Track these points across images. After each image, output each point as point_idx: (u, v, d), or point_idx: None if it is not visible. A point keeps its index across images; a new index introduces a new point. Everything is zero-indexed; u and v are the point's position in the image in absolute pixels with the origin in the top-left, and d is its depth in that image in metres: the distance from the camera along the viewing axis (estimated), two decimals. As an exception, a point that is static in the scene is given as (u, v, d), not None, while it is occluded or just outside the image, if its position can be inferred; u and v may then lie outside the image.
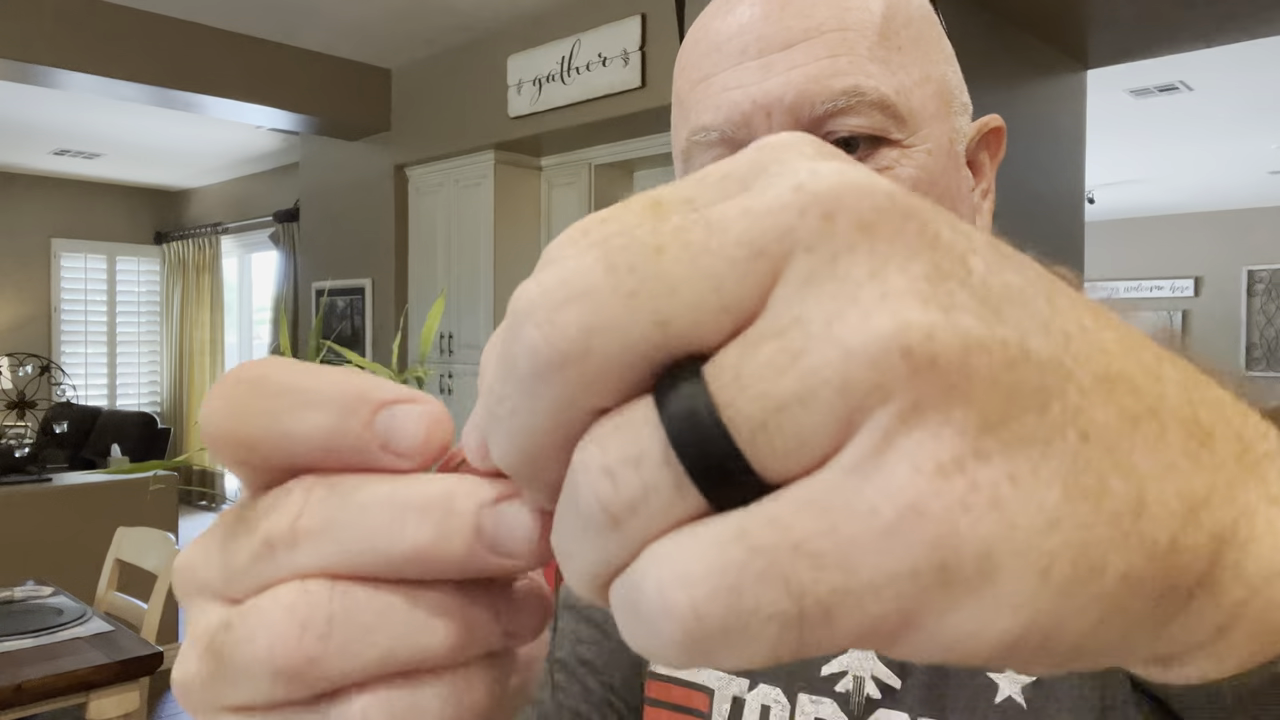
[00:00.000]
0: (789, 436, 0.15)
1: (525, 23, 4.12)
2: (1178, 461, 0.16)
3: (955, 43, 0.61)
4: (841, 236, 0.15)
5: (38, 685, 2.12)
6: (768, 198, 0.16)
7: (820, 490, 0.15)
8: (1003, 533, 0.15)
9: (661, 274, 0.16)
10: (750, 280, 0.16)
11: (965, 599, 0.15)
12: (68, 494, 3.97)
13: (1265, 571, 0.17)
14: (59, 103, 5.43)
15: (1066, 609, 0.15)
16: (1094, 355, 0.16)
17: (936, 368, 0.15)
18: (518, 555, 0.20)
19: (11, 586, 2.80)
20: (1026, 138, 3.76)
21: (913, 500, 0.14)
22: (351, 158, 5.23)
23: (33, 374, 7.44)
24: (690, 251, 0.16)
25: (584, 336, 0.16)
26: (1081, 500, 0.15)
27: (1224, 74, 4.73)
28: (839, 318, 0.15)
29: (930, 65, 0.55)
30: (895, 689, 0.53)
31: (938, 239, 0.16)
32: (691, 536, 0.16)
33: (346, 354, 2.97)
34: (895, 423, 0.15)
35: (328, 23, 4.25)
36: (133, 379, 8.32)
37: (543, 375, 0.16)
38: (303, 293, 5.72)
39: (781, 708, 0.56)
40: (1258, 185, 7.69)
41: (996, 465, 0.15)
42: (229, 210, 7.82)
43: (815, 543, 0.15)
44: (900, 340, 0.15)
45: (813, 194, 0.16)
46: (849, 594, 0.15)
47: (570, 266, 0.16)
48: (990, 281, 0.16)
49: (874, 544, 0.15)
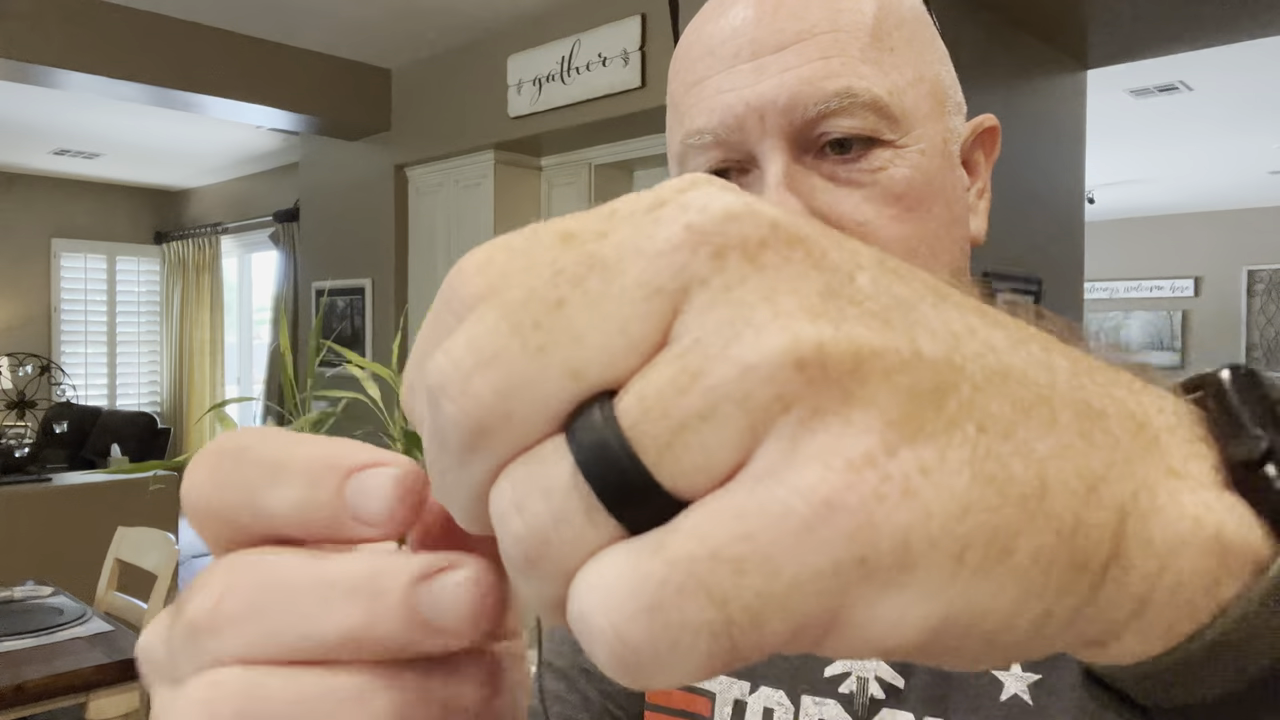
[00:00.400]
0: (695, 453, 0.16)
1: (525, 23, 4.12)
2: (1073, 443, 0.17)
3: (955, 42, 0.61)
4: (733, 269, 0.16)
5: (38, 685, 2.12)
6: (660, 239, 0.17)
7: (733, 499, 0.15)
8: (918, 521, 0.15)
9: (566, 325, 0.16)
10: (652, 318, 0.16)
11: (887, 590, 0.15)
12: (68, 494, 3.97)
13: (1172, 541, 0.17)
14: (59, 103, 5.43)
15: (984, 591, 0.16)
16: (983, 353, 0.17)
17: (829, 375, 0.15)
18: (456, 632, 0.20)
19: (11, 586, 2.79)
20: (1026, 138, 3.76)
21: (827, 496, 0.15)
22: (351, 158, 5.23)
23: (33, 374, 7.44)
24: (590, 298, 0.16)
25: (501, 401, 0.16)
26: (988, 485, 0.16)
27: (1224, 74, 4.73)
28: (735, 339, 0.16)
29: (923, 65, 0.55)
30: (899, 689, 0.53)
31: (824, 259, 0.17)
32: (608, 559, 0.16)
33: (346, 354, 2.97)
34: (798, 429, 0.15)
35: (328, 23, 4.25)
36: (133, 379, 8.32)
37: (469, 445, 0.17)
38: (303, 293, 5.72)
39: (785, 710, 0.56)
40: (1258, 185, 7.69)
41: (905, 458, 0.15)
42: (229, 210, 7.82)
43: (733, 549, 0.15)
44: (794, 353, 0.15)
45: (701, 232, 0.16)
46: (773, 597, 0.15)
47: (475, 331, 0.17)
48: (878, 294, 0.17)
49: (793, 543, 0.15)
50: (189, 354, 8.03)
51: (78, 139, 6.54)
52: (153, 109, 4.90)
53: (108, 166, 7.52)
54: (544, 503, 0.16)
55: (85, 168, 7.54)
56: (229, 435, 0.22)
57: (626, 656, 0.15)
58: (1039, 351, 0.18)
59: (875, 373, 0.16)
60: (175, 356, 8.16)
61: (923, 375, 0.16)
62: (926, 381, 0.16)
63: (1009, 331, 0.18)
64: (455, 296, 0.18)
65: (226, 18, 4.22)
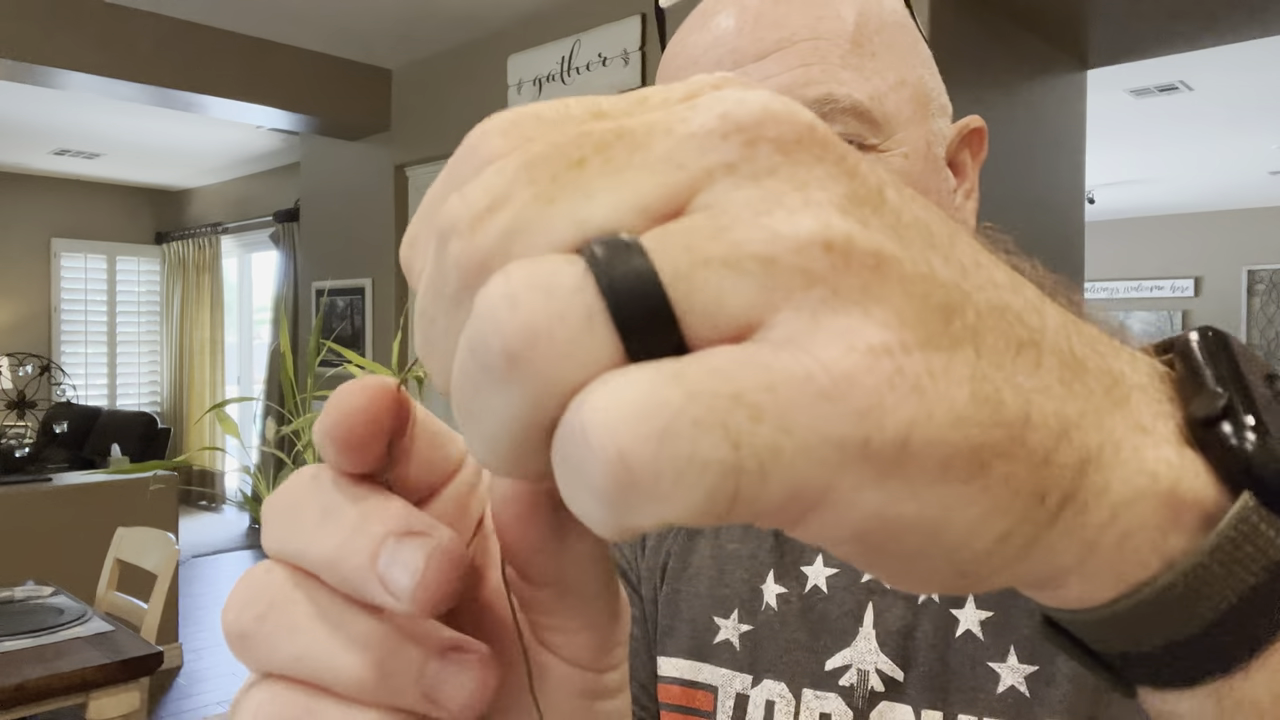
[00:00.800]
0: (711, 294, 0.16)
1: (525, 23, 4.12)
2: (1053, 387, 0.17)
3: (955, 43, 0.61)
4: (764, 159, 0.17)
5: (38, 685, 2.12)
6: (694, 123, 0.17)
7: (758, 352, 0.15)
8: (921, 418, 0.16)
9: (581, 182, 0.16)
10: (668, 189, 0.16)
11: (877, 478, 0.16)
12: (68, 494, 3.97)
13: (1129, 493, 0.18)
14: (59, 103, 5.43)
15: (957, 500, 0.16)
16: (986, 287, 0.18)
17: (852, 265, 0.16)
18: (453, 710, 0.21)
19: (11, 586, 2.80)
20: (1026, 138, 3.76)
21: (848, 371, 0.15)
22: (351, 158, 5.23)
23: (33, 374, 7.44)
24: (611, 163, 0.17)
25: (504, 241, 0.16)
26: (984, 404, 0.16)
27: (1224, 74, 4.73)
28: (766, 213, 0.16)
29: (905, 69, 0.56)
30: (899, 681, 0.54)
31: (855, 171, 0.17)
32: (623, 376, 0.15)
33: (346, 354, 2.97)
34: (820, 306, 0.16)
35: (328, 23, 4.25)
36: (133, 379, 8.32)
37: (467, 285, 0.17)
38: (303, 293, 5.72)
39: (786, 703, 0.56)
40: (1258, 185, 7.69)
41: (917, 359, 0.16)
42: (229, 210, 7.82)
43: (755, 396, 0.15)
44: (824, 235, 0.16)
45: (736, 122, 0.17)
46: (782, 452, 0.15)
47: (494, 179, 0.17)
48: (901, 213, 0.17)
49: (810, 406, 0.15)
50: (189, 354, 8.03)
51: (78, 139, 6.53)
52: (153, 109, 4.90)
53: (108, 166, 7.52)
54: (544, 299, 0.15)
55: (85, 168, 7.54)
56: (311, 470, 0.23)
57: (624, 481, 0.15)
58: (1034, 298, 0.19)
59: (893, 275, 0.16)
60: (175, 356, 8.16)
61: (935, 290, 0.16)
62: (938, 297, 0.16)
63: (1010, 275, 0.19)
64: (475, 155, 0.18)
65: (226, 18, 4.22)
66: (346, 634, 0.21)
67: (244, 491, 6.56)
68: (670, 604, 0.64)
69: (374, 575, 0.20)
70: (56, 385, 7.63)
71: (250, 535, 6.97)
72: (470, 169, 0.18)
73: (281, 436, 3.33)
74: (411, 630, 0.21)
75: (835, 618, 0.57)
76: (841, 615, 0.57)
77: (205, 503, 7.95)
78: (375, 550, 0.20)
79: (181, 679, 4.22)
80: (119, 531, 2.93)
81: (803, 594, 0.59)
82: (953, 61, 0.54)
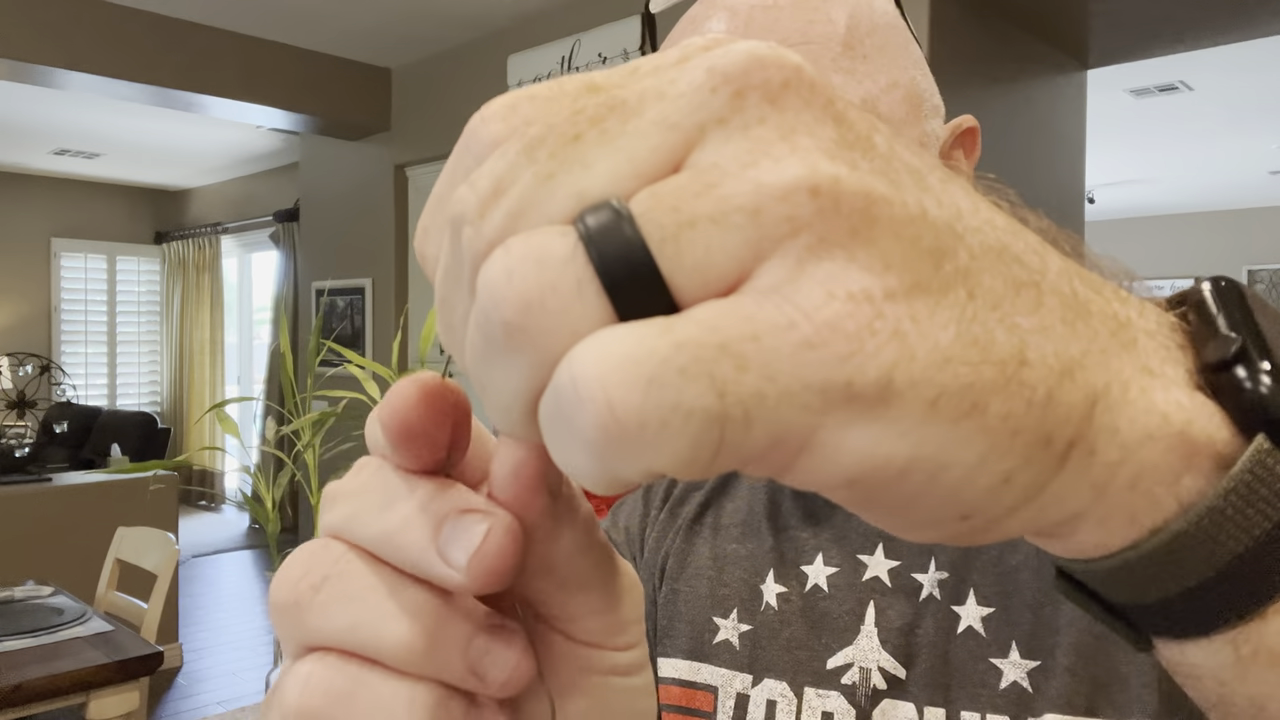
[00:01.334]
0: (698, 251, 0.16)
1: (525, 23, 4.12)
2: (1054, 326, 0.17)
3: (956, 43, 0.61)
4: (753, 109, 0.17)
5: (38, 685, 2.12)
6: (682, 82, 0.17)
7: (741, 302, 0.16)
8: (903, 361, 0.16)
9: (578, 156, 0.17)
10: (663, 150, 0.17)
11: (864, 419, 0.16)
12: (68, 494, 3.97)
13: (1139, 434, 0.17)
14: (59, 103, 5.43)
15: (951, 440, 0.16)
16: (983, 229, 0.17)
17: (840, 209, 0.16)
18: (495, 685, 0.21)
19: (11, 586, 2.80)
20: (1026, 138, 3.76)
21: (829, 319, 0.16)
22: (351, 158, 5.23)
23: (33, 374, 7.44)
24: (606, 134, 0.17)
25: (511, 222, 0.17)
26: (972, 345, 0.16)
27: (1224, 74, 4.73)
28: (752, 164, 0.16)
29: (897, 71, 0.56)
30: (901, 679, 0.54)
31: (844, 115, 0.17)
32: (611, 332, 0.16)
33: (346, 354, 2.97)
34: (805, 253, 0.16)
35: (328, 23, 4.25)
36: (133, 379, 8.32)
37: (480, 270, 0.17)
38: (303, 293, 5.72)
39: (788, 702, 0.56)
40: (1258, 185, 7.69)
41: (900, 303, 0.16)
42: (229, 210, 7.82)
43: (740, 346, 0.15)
44: (809, 180, 0.16)
45: (723, 73, 0.17)
46: (766, 400, 0.15)
47: (497, 165, 0.17)
48: (891, 157, 0.17)
49: (793, 354, 0.15)
50: (189, 354, 8.03)
51: (78, 139, 6.53)
52: (153, 109, 4.90)
53: (108, 166, 7.52)
54: (536, 271, 0.16)
55: (85, 168, 7.54)
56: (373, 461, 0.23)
57: (611, 428, 0.15)
58: (1034, 242, 0.19)
59: (883, 218, 0.16)
60: (175, 356, 8.16)
61: (925, 233, 0.16)
62: (928, 240, 0.16)
63: (1009, 220, 0.19)
64: (477, 141, 0.18)
65: (226, 18, 4.22)
66: (400, 604, 0.21)
67: (244, 491, 6.56)
68: (669, 605, 0.64)
69: (434, 549, 0.21)
70: (56, 385, 7.63)
71: (250, 535, 6.97)
72: (473, 157, 0.18)
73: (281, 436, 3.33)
74: (460, 607, 0.22)
75: (836, 616, 0.57)
76: (842, 613, 0.57)
77: (205, 503, 7.95)
78: (438, 526, 0.21)
79: (181, 679, 4.22)
80: (119, 531, 2.93)
81: (803, 593, 0.59)
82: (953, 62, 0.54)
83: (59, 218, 7.86)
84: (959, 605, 0.54)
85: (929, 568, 0.56)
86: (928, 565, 0.56)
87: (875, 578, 0.57)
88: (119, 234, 8.22)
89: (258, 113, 4.75)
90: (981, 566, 0.54)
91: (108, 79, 4.09)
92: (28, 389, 7.38)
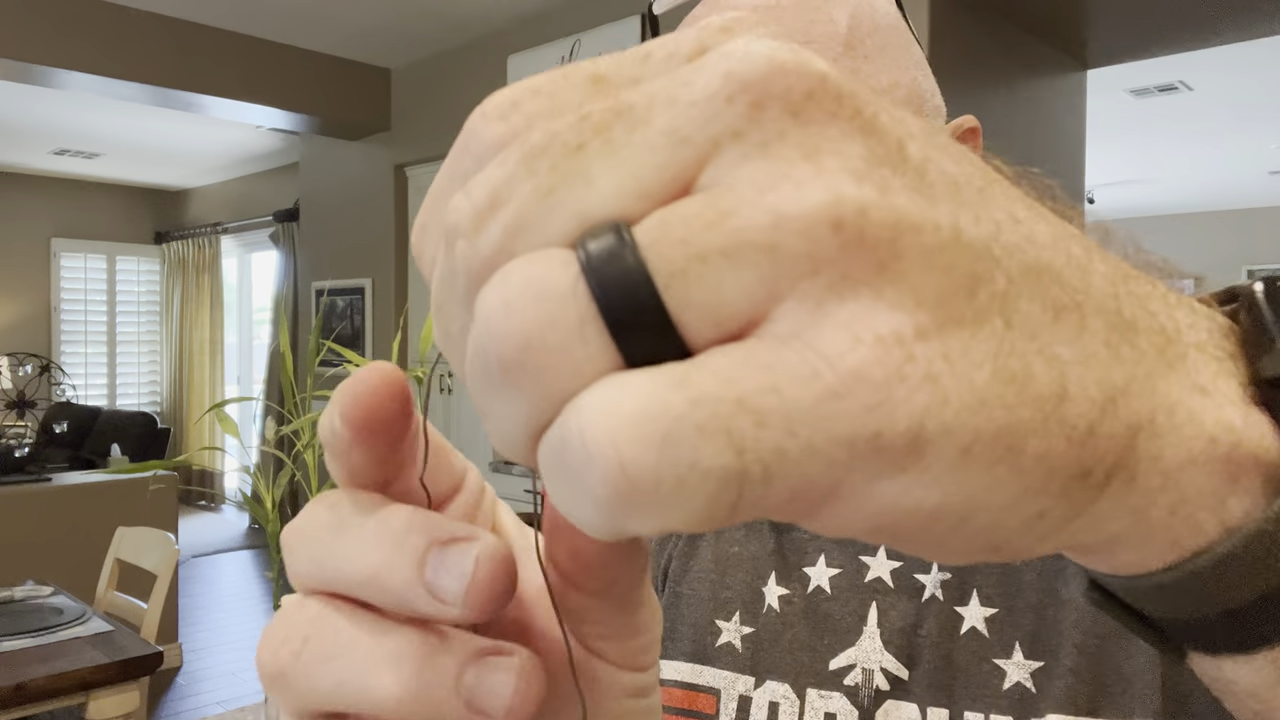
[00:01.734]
0: (708, 289, 0.15)
1: (525, 23, 4.12)
2: (1098, 352, 0.16)
3: (955, 43, 0.61)
4: (772, 123, 0.15)
5: (38, 685, 2.12)
6: (696, 86, 0.16)
7: (760, 350, 0.15)
8: (935, 407, 0.15)
9: (581, 169, 0.16)
10: (672, 167, 0.15)
11: (892, 470, 0.15)
12: (68, 494, 3.97)
13: (1182, 458, 0.17)
14: (59, 103, 5.43)
15: (984, 485, 0.15)
16: (1023, 245, 0.16)
17: (865, 242, 0.15)
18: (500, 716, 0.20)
19: (11, 586, 2.80)
20: (1026, 138, 3.76)
21: (855, 367, 0.14)
22: (351, 158, 5.23)
23: (33, 374, 7.44)
24: (611, 145, 0.16)
25: (508, 240, 0.16)
26: (1009, 383, 0.15)
27: (1224, 74, 4.73)
28: (771, 189, 0.15)
29: (898, 71, 0.56)
30: (904, 679, 0.54)
31: (874, 124, 0.16)
32: (622, 382, 0.15)
33: (346, 354, 2.97)
34: (827, 293, 0.15)
35: (328, 23, 4.25)
36: (133, 379, 8.32)
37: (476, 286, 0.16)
38: (303, 293, 5.72)
39: (791, 704, 0.56)
40: (1258, 185, 7.69)
41: (932, 343, 0.15)
42: (229, 210, 7.82)
43: (759, 400, 0.14)
44: (832, 212, 0.15)
45: (741, 80, 0.15)
46: (787, 456, 0.14)
47: (495, 175, 0.16)
48: (926, 168, 0.16)
49: (816, 407, 0.14)
50: (189, 354, 8.03)
51: (78, 139, 6.53)
52: (153, 109, 4.90)
53: (108, 166, 7.52)
54: (535, 305, 0.15)
55: (85, 168, 7.54)
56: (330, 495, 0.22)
57: (623, 488, 0.14)
58: (1079, 252, 0.17)
59: (913, 248, 0.15)
60: (175, 356, 8.16)
61: (960, 259, 0.15)
62: (962, 266, 0.15)
63: (1051, 227, 0.17)
64: (477, 140, 0.17)
65: (226, 18, 4.22)
66: (384, 653, 0.20)
67: (244, 491, 6.56)
68: (672, 607, 0.64)
69: (421, 586, 0.20)
70: (56, 385, 7.63)
71: (250, 535, 6.97)
72: (473, 158, 0.17)
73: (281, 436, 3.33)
74: (446, 642, 0.21)
75: (839, 617, 0.57)
76: (845, 615, 0.57)
77: (205, 503, 7.95)
78: (421, 560, 0.20)
79: (181, 679, 4.22)
80: (119, 531, 2.93)
81: (805, 595, 0.59)
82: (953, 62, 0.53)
83: (59, 218, 7.86)
84: (962, 606, 0.54)
85: (931, 568, 0.56)
86: (930, 565, 0.56)
87: (878, 578, 0.57)
88: (119, 234, 8.22)
89: (258, 113, 4.75)
90: (984, 567, 0.54)
91: (108, 79, 4.09)
92: (27, 389, 7.38)
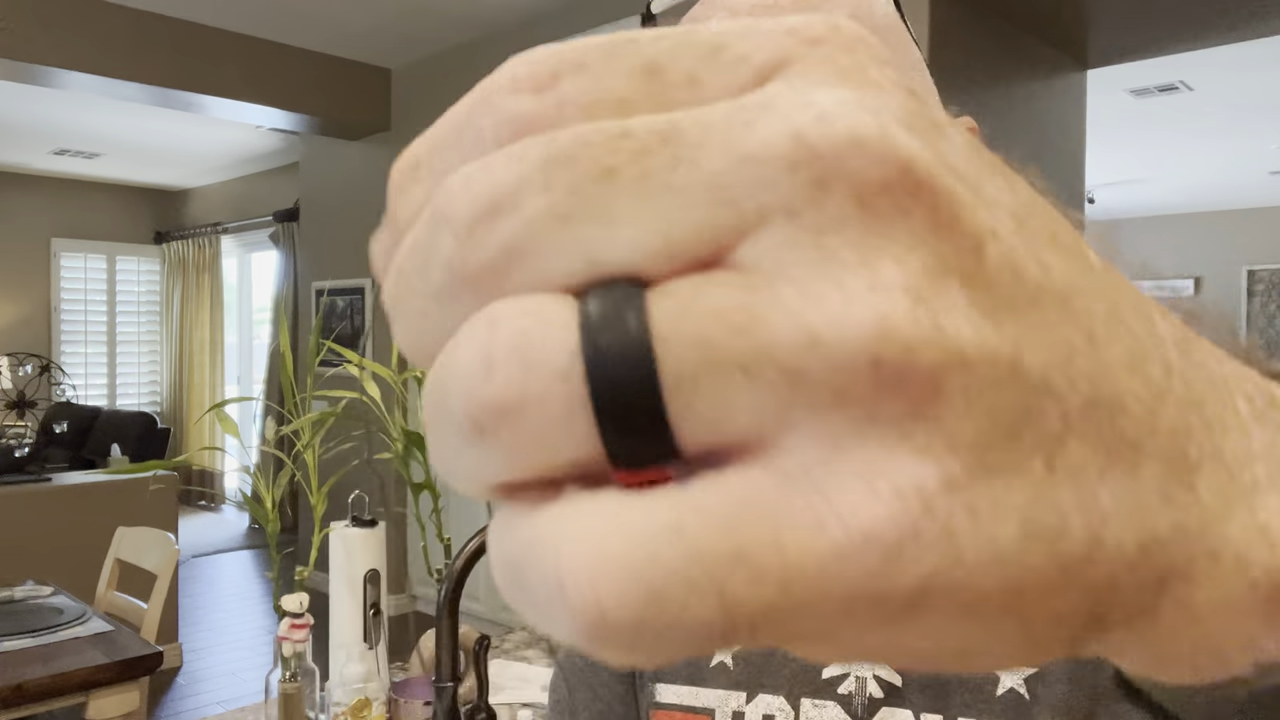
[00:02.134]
0: (716, 404, 0.13)
1: (525, 23, 4.13)
2: (1146, 502, 0.14)
3: (955, 43, 0.61)
4: (834, 209, 0.13)
5: (38, 685, 2.12)
6: (757, 139, 0.13)
7: (765, 489, 0.13)
8: (946, 567, 0.13)
9: (604, 203, 0.13)
10: (708, 231, 0.13)
11: (884, 625, 0.14)
12: (68, 494, 3.97)
13: (1215, 602, 0.15)
14: (59, 103, 5.43)
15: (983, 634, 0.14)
16: (1095, 374, 0.14)
17: (905, 387, 0.13)
18: None
19: (11, 586, 2.80)
20: (1026, 138, 3.76)
21: (867, 527, 0.13)
22: (351, 158, 5.23)
23: (33, 374, 7.44)
24: (645, 180, 0.13)
25: (503, 258, 0.14)
26: (1036, 540, 0.13)
27: (1224, 74, 4.73)
28: (816, 300, 0.13)
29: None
30: (898, 687, 0.54)
31: (954, 222, 0.13)
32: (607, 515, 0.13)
33: (346, 354, 2.97)
34: (846, 431, 0.13)
35: (328, 23, 4.25)
36: (133, 379, 8.32)
37: (453, 293, 0.14)
38: (303, 292, 5.72)
39: (785, 715, 0.56)
40: (1258, 185, 7.69)
41: (957, 495, 0.13)
42: (229, 210, 7.82)
43: (758, 555, 0.13)
44: (874, 349, 0.13)
45: (811, 149, 0.13)
46: (778, 612, 0.13)
47: (508, 172, 0.14)
48: (1001, 275, 0.13)
49: (818, 565, 0.13)
50: (189, 354, 8.04)
51: (78, 139, 6.54)
52: (153, 109, 4.90)
53: (108, 166, 7.52)
54: (522, 374, 0.13)
55: (85, 168, 7.54)
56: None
57: (600, 632, 0.13)
58: (1159, 374, 0.15)
59: (957, 389, 0.13)
60: (175, 356, 8.17)
61: (1009, 398, 0.13)
62: (1011, 405, 0.13)
63: (1135, 344, 0.15)
64: (500, 109, 0.15)
65: (226, 18, 4.22)
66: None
67: (244, 491, 6.56)
68: None
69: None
70: (56, 385, 7.64)
71: (250, 535, 6.97)
72: (490, 127, 0.15)
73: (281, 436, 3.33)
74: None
75: None
76: None
77: (205, 503, 7.95)
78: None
79: (181, 679, 4.22)
80: (119, 531, 2.93)
81: None
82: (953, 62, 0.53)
83: (59, 218, 7.86)
84: None
85: None
86: None
87: None
88: (119, 234, 8.23)
89: (258, 113, 4.75)
90: None
91: (108, 79, 4.09)
92: (27, 389, 7.39)
